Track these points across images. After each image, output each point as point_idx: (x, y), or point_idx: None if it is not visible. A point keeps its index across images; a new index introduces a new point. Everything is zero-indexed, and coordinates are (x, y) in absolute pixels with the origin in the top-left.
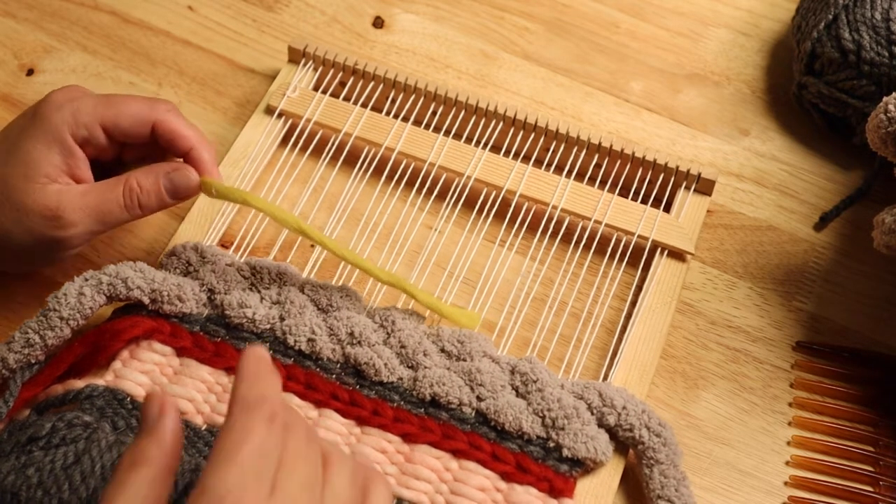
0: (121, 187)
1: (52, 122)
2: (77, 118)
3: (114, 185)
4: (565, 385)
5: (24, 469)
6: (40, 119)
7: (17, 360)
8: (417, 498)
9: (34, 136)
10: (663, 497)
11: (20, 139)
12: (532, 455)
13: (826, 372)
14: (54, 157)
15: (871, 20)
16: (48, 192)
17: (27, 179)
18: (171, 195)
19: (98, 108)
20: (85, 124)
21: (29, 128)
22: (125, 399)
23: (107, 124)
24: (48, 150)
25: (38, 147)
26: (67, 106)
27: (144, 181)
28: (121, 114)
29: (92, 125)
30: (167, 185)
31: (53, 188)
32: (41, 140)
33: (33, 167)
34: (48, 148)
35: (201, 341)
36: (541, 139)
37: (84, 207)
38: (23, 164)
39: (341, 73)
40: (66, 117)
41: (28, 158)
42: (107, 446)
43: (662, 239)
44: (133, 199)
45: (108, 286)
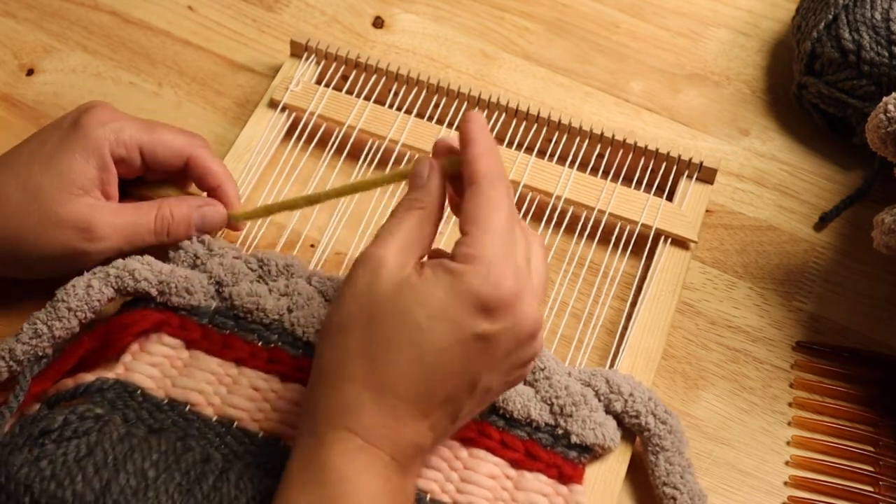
0: (153, 213)
1: (94, 136)
2: (119, 137)
3: (147, 210)
4: (572, 373)
5: (37, 462)
6: (83, 132)
7: (24, 352)
8: (428, 486)
9: (74, 148)
10: (668, 484)
11: (59, 150)
12: (541, 442)
13: (826, 372)
14: (91, 171)
15: (871, 20)
16: (81, 205)
17: (62, 190)
18: (199, 228)
19: (140, 133)
20: (125, 144)
21: (69, 140)
22: (136, 391)
23: (144, 149)
24: (86, 164)
25: (77, 159)
26: (111, 125)
27: (177, 212)
28: (159, 142)
29: (132, 147)
30: (198, 219)
31: (87, 201)
32: (80, 153)
33: (70, 178)
34: (86, 161)
35: (210, 333)
36: (543, 130)
37: (115, 226)
38: (59, 175)
39: (343, 66)
40: (109, 135)
41: (66, 169)
42: (118, 438)
43: (666, 227)
44: (164, 227)
45: (115, 279)
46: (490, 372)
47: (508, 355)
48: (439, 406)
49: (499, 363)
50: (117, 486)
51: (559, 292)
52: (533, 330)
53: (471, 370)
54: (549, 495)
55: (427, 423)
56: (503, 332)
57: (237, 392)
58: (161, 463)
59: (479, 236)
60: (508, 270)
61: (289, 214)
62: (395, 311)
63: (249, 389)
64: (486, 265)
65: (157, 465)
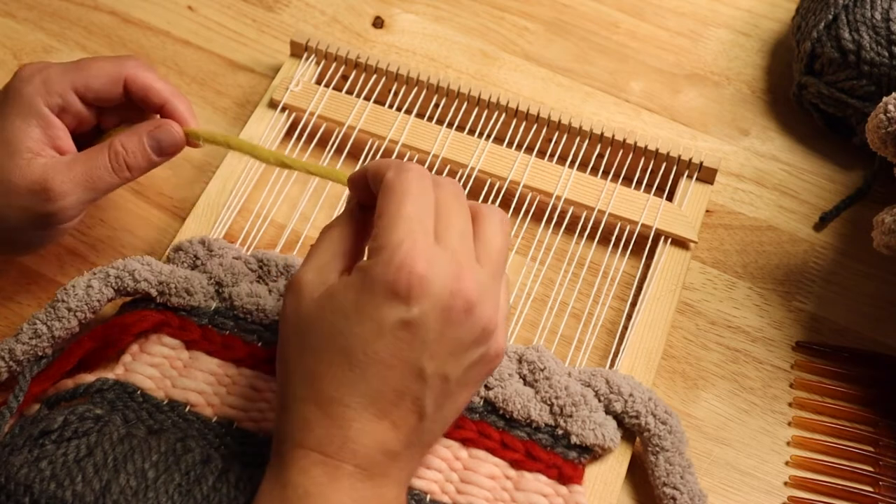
0: (106, 152)
1: (24, 94)
2: (48, 87)
3: (98, 150)
4: (572, 373)
5: (37, 462)
6: (12, 94)
7: (24, 352)
8: (428, 487)
9: (9, 112)
10: (668, 484)
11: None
12: (541, 443)
13: (826, 372)
14: (33, 131)
15: (871, 20)
16: (34, 167)
17: (10, 157)
18: (158, 153)
19: (68, 74)
20: (58, 92)
21: (3, 106)
22: (135, 392)
23: (78, 88)
24: (26, 125)
25: (15, 123)
26: (37, 76)
27: (128, 143)
28: (90, 75)
29: (64, 91)
30: (151, 143)
31: (38, 161)
32: (17, 115)
33: (14, 143)
34: (25, 122)
35: (210, 334)
36: (543, 130)
37: (73, 177)
38: (4, 144)
39: (343, 66)
40: (38, 87)
41: (7, 136)
42: (118, 439)
43: (666, 227)
44: (120, 162)
45: (115, 279)
46: (431, 358)
47: (443, 335)
48: (393, 403)
49: (436, 345)
50: (117, 486)
51: (559, 292)
52: (466, 304)
53: (408, 359)
54: (549, 496)
55: (387, 423)
56: (425, 314)
57: (237, 393)
58: (161, 464)
59: (383, 226)
60: (417, 251)
61: (288, 214)
62: (319, 325)
63: (249, 390)
64: (390, 251)
65: (156, 465)
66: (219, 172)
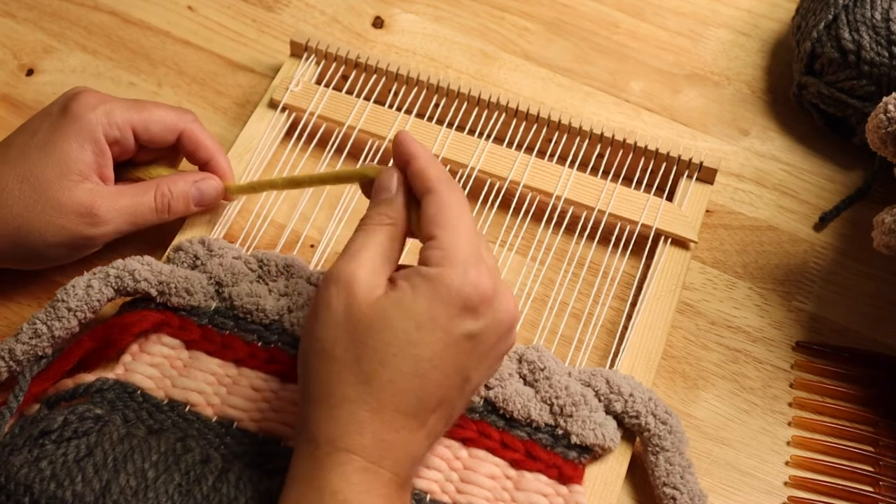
0: (152, 192)
1: (86, 121)
2: (111, 119)
3: (145, 189)
4: (572, 373)
5: (37, 462)
6: (74, 118)
7: (24, 352)
8: (428, 486)
9: (69, 135)
10: (669, 484)
11: (53, 138)
12: (541, 442)
13: (826, 372)
14: (87, 156)
15: (871, 20)
16: (82, 191)
17: (62, 178)
18: (198, 203)
19: (131, 112)
20: (118, 126)
21: (62, 127)
22: (135, 392)
23: (137, 128)
24: (81, 149)
25: (73, 146)
26: (101, 107)
27: (175, 188)
28: (151, 120)
29: (124, 127)
30: (196, 193)
31: (87, 186)
32: (75, 139)
33: (68, 164)
34: (81, 146)
35: (210, 334)
36: (543, 130)
37: (118, 207)
38: (58, 163)
39: (343, 66)
40: (101, 118)
41: (64, 157)
42: (118, 439)
43: (666, 227)
44: (164, 204)
45: (115, 279)
46: (478, 368)
47: (492, 349)
48: (433, 412)
49: (485, 358)
50: (117, 486)
51: (559, 292)
52: (512, 322)
53: (462, 369)
54: (550, 496)
55: (424, 431)
56: (487, 328)
57: (237, 392)
58: (161, 463)
59: (448, 238)
60: (483, 267)
61: (288, 214)
62: (381, 327)
63: (249, 390)
64: (463, 265)
65: (156, 465)
66: None
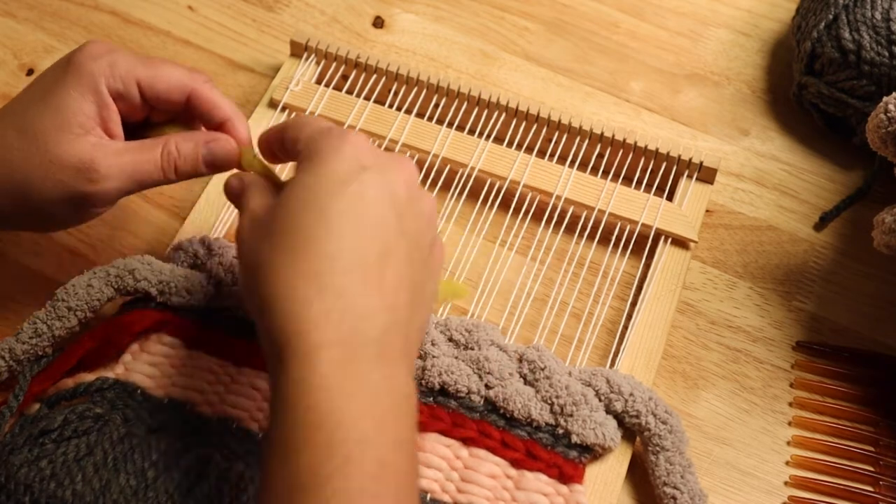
0: (159, 149)
1: (87, 70)
2: (114, 70)
3: (151, 146)
4: (573, 372)
5: (37, 461)
6: (75, 67)
7: (24, 351)
8: (429, 486)
9: (68, 83)
10: (669, 484)
11: (54, 87)
12: (541, 442)
13: (826, 372)
14: (88, 107)
15: (871, 20)
16: (83, 144)
17: (60, 129)
18: (208, 165)
19: (137, 66)
20: (121, 77)
21: (63, 77)
22: (135, 391)
23: (143, 83)
24: (82, 99)
25: (72, 95)
26: (105, 57)
27: (183, 146)
28: (158, 76)
29: (128, 80)
30: (206, 153)
31: (89, 140)
32: (75, 88)
33: (67, 116)
34: (82, 97)
35: (210, 333)
36: (543, 130)
37: (120, 164)
38: (56, 113)
39: (343, 66)
40: (103, 68)
41: (62, 106)
42: (118, 438)
43: (666, 227)
44: (171, 163)
45: (115, 278)
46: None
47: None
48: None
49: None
50: (117, 485)
51: (559, 292)
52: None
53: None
54: (550, 495)
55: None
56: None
57: (237, 392)
58: (161, 463)
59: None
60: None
61: None
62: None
63: (249, 389)
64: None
65: (156, 465)
66: None
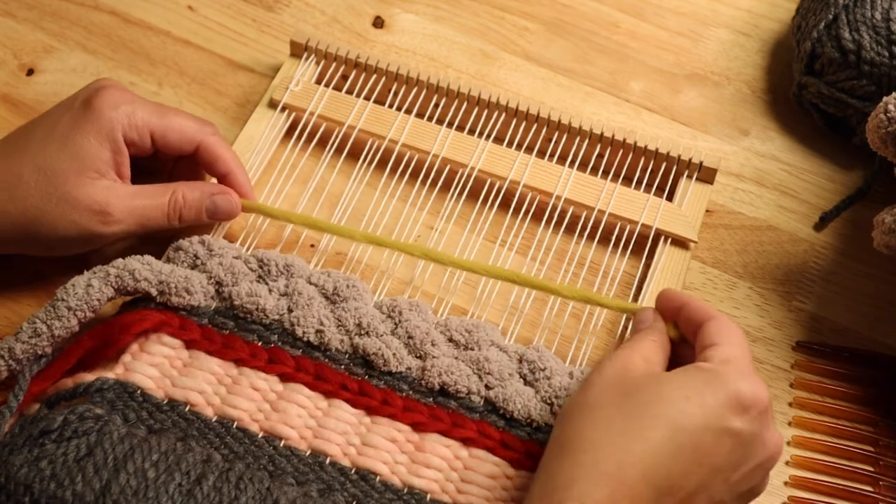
0: (167, 197)
1: (107, 118)
2: (132, 121)
3: (161, 192)
4: (574, 373)
5: (37, 462)
6: (95, 115)
7: (23, 351)
8: (428, 486)
9: (89, 131)
10: None
11: (73, 132)
12: (541, 442)
13: (826, 372)
14: (105, 154)
15: (871, 20)
16: (98, 188)
17: (79, 174)
18: (210, 215)
19: (152, 117)
20: (137, 128)
21: (82, 122)
22: (135, 392)
23: (156, 134)
24: (100, 147)
25: (91, 143)
26: (123, 107)
27: (190, 196)
28: (171, 128)
29: (143, 131)
30: (210, 205)
31: (103, 184)
32: (94, 136)
33: (86, 162)
34: (100, 144)
35: (210, 334)
36: (543, 130)
37: (130, 208)
38: (75, 158)
39: (343, 66)
40: (122, 118)
41: (82, 153)
42: (118, 439)
43: (666, 227)
44: (176, 211)
45: (115, 278)
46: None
47: (744, 463)
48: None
49: (736, 469)
50: (117, 486)
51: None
52: (774, 452)
53: (715, 467)
54: None
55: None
56: (751, 438)
57: (237, 392)
58: (161, 463)
59: (729, 348)
60: (760, 381)
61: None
62: (650, 388)
63: (249, 390)
64: (744, 368)
65: (156, 465)
66: None
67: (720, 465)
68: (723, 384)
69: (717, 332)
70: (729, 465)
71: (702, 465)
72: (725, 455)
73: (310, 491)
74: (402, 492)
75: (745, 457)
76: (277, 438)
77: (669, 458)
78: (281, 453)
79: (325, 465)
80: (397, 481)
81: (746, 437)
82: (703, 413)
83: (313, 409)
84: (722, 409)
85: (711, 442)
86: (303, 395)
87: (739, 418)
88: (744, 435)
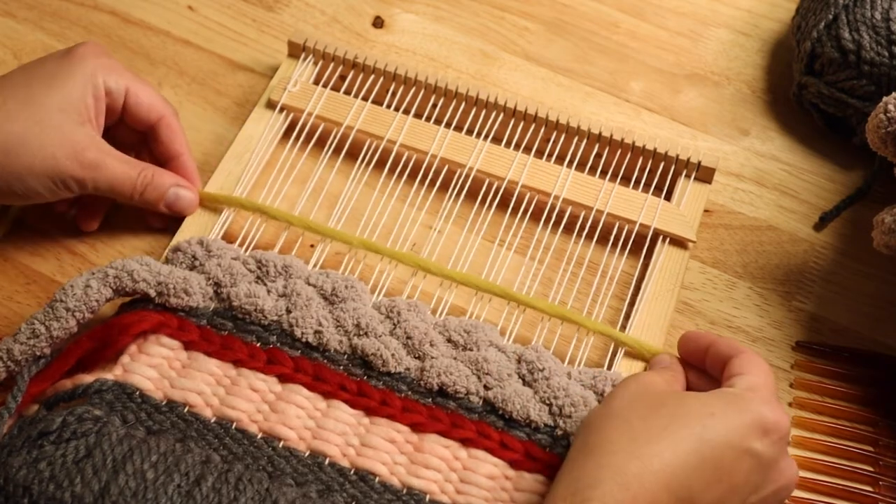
0: (139, 170)
1: (91, 64)
2: (112, 69)
3: (135, 164)
4: (572, 373)
5: (36, 463)
6: (79, 59)
7: (22, 352)
8: (427, 487)
9: (74, 72)
10: None
11: (59, 71)
12: (540, 443)
13: (826, 372)
14: (88, 98)
15: (871, 20)
16: (81, 131)
17: (63, 111)
18: (168, 205)
19: (129, 75)
20: (116, 78)
21: (68, 64)
22: (134, 393)
23: (130, 90)
24: (84, 89)
25: (77, 83)
26: (105, 58)
27: (159, 179)
28: (144, 90)
29: (121, 83)
30: (171, 195)
31: (85, 130)
32: (80, 77)
33: (71, 101)
34: (84, 86)
35: (208, 335)
36: (541, 130)
37: (105, 164)
38: (61, 95)
39: (341, 66)
40: (104, 64)
41: (66, 90)
42: (117, 440)
43: (664, 227)
44: (143, 187)
45: (114, 279)
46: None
47: (761, 487)
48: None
49: (755, 490)
50: (116, 487)
51: (558, 292)
52: (790, 481)
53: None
54: None
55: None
56: (770, 461)
57: (236, 393)
58: (160, 464)
59: (753, 378)
60: (783, 409)
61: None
62: (676, 402)
63: (248, 391)
64: (769, 396)
65: (155, 466)
66: (217, 173)
67: (739, 484)
68: (747, 406)
69: (744, 364)
70: (747, 487)
71: (721, 481)
72: (744, 475)
73: (309, 492)
74: (401, 492)
75: (763, 480)
76: (276, 439)
77: (692, 470)
78: (280, 454)
79: (324, 465)
80: (396, 482)
81: (766, 461)
82: (726, 430)
83: (312, 410)
84: (745, 429)
85: (732, 459)
86: (301, 396)
87: (760, 441)
88: (763, 458)
